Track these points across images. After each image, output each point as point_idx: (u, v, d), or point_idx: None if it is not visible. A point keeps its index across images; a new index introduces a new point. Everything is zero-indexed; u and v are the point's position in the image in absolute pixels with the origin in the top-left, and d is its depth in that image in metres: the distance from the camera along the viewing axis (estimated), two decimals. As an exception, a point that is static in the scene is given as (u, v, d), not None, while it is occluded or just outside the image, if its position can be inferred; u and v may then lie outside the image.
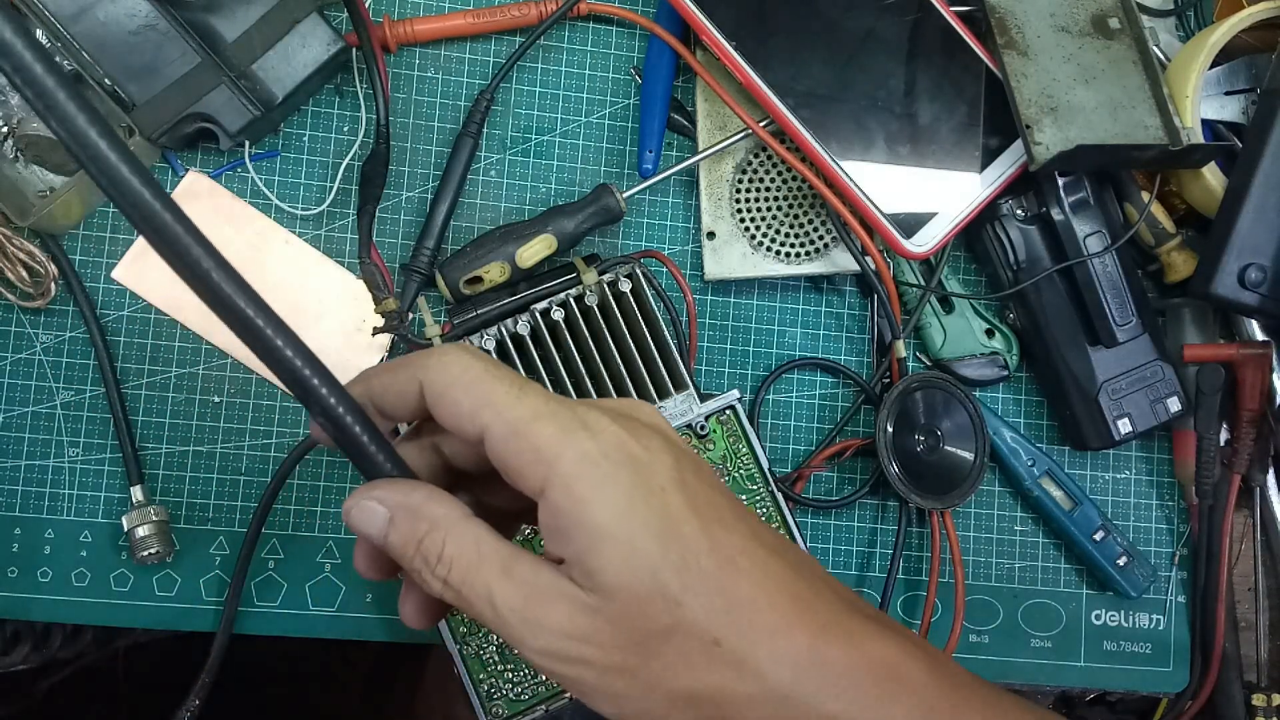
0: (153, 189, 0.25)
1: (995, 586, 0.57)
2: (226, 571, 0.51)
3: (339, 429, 0.28)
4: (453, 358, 0.29)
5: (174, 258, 0.26)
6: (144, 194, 0.25)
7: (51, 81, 0.23)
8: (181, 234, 0.26)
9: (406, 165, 0.54)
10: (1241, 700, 0.57)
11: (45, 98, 0.23)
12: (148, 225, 0.25)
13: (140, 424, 0.51)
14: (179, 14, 0.48)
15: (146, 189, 0.25)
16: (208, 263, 0.26)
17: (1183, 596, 0.59)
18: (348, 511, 0.29)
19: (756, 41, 0.50)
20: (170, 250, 0.26)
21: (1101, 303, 0.53)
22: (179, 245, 0.26)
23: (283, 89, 0.49)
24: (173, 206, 0.25)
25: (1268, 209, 0.51)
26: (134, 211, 0.25)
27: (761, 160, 0.54)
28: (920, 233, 0.52)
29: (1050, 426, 0.58)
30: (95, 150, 0.24)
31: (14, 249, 0.48)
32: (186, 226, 0.26)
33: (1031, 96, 0.51)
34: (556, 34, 0.56)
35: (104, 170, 0.24)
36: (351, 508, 0.29)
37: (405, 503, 0.29)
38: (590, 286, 0.50)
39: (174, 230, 0.25)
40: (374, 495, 0.29)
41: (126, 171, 0.24)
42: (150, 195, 0.25)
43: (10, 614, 0.50)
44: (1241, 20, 0.53)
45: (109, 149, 0.24)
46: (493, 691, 0.46)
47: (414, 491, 0.29)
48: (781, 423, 0.56)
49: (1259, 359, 0.54)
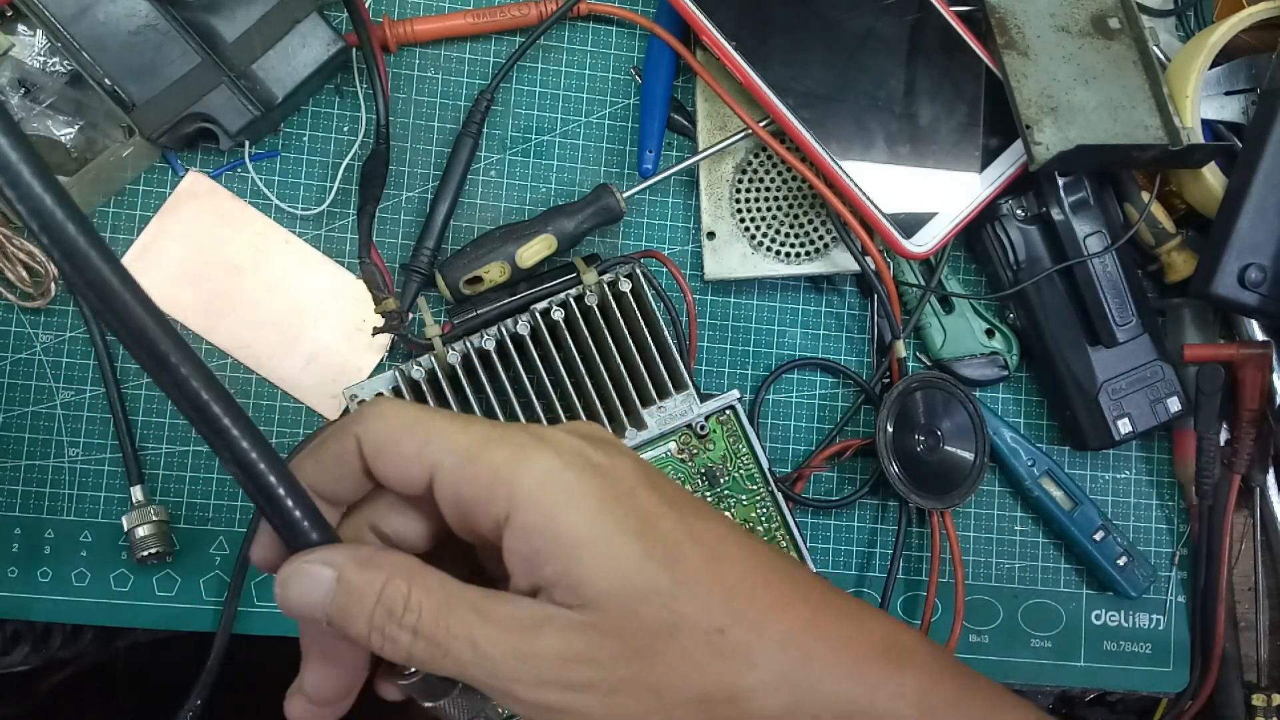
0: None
1: (995, 586, 0.57)
2: (226, 571, 0.51)
3: (254, 482, 0.24)
4: (387, 405, 0.27)
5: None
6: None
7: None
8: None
9: (406, 165, 0.54)
10: (1241, 700, 0.57)
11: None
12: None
13: (140, 424, 0.51)
14: (179, 14, 0.48)
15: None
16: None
17: (1183, 596, 0.59)
18: (283, 584, 0.25)
19: (756, 41, 0.50)
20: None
21: (1101, 303, 0.53)
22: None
23: (283, 89, 0.49)
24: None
25: (1268, 209, 0.51)
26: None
27: (761, 160, 0.54)
28: (920, 233, 0.52)
29: (1050, 426, 0.58)
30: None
31: (14, 249, 0.48)
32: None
33: (1031, 96, 0.51)
34: (556, 34, 0.56)
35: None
36: (288, 578, 0.25)
37: (354, 556, 0.25)
38: (590, 286, 0.50)
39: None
40: (314, 557, 0.25)
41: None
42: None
43: (10, 614, 0.50)
44: (1241, 20, 0.53)
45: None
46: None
47: (360, 547, 0.26)
48: (781, 423, 0.56)
49: (1259, 359, 0.54)
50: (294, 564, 0.25)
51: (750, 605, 0.26)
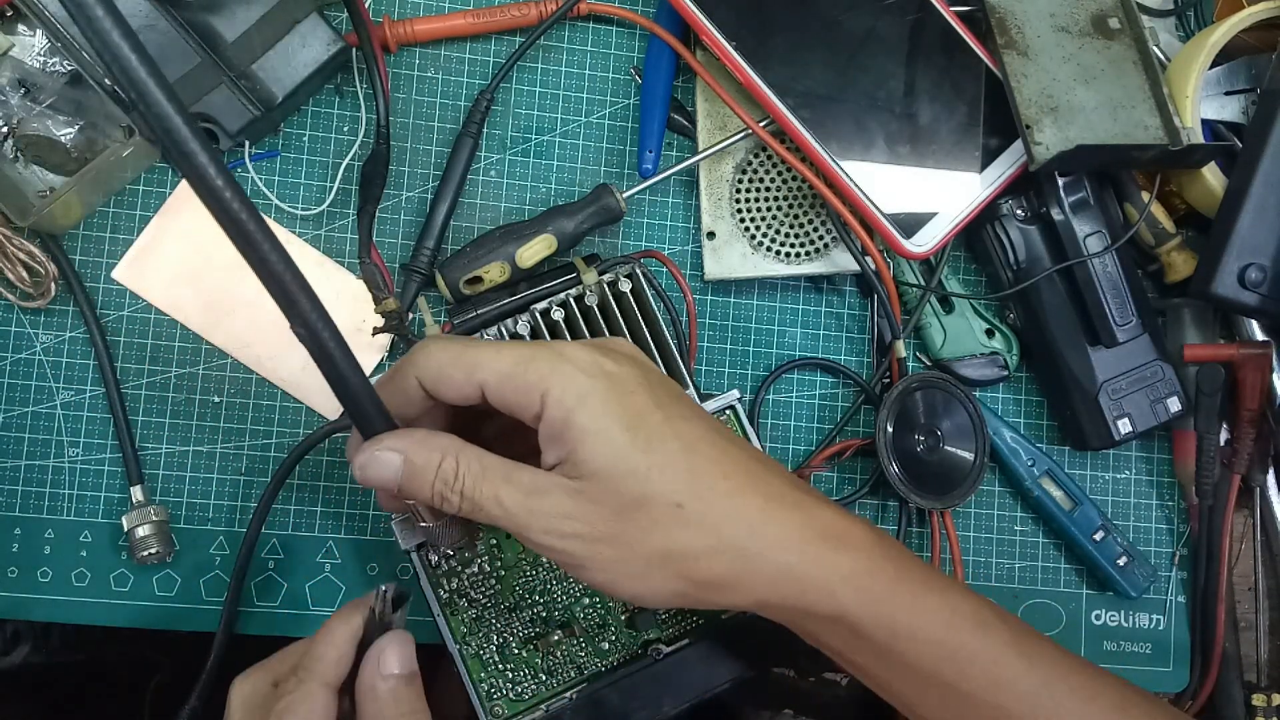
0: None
1: (995, 586, 0.57)
2: (226, 571, 0.51)
3: (341, 385, 0.32)
4: (433, 345, 0.35)
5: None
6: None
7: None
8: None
9: (406, 165, 0.54)
10: (1241, 700, 0.57)
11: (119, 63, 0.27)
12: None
13: (140, 424, 0.51)
14: (179, 14, 0.48)
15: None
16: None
17: (1183, 596, 0.59)
18: (362, 467, 0.33)
19: (756, 41, 0.50)
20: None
21: (1101, 303, 0.53)
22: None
23: (283, 89, 0.49)
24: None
25: (1268, 209, 0.51)
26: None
27: (761, 160, 0.54)
28: (920, 233, 0.52)
29: (1050, 426, 0.58)
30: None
31: (14, 249, 0.48)
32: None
33: (1031, 96, 0.51)
34: (556, 34, 0.56)
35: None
36: (366, 462, 0.33)
37: (414, 441, 0.34)
38: (590, 286, 0.50)
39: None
40: (384, 445, 0.33)
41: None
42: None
43: (10, 614, 0.50)
44: (1241, 20, 0.53)
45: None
46: (493, 691, 0.46)
47: (415, 431, 0.34)
48: (781, 423, 0.56)
49: (1259, 359, 0.54)
50: (369, 450, 0.33)
51: (709, 489, 0.34)
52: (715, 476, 0.34)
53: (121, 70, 0.27)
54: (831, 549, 0.34)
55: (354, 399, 0.33)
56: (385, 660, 0.35)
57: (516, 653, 0.46)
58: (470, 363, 0.34)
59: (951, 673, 0.35)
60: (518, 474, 0.34)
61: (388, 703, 0.34)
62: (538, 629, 0.47)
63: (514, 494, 0.33)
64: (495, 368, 0.34)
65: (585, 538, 0.33)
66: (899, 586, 0.35)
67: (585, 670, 0.47)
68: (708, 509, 0.33)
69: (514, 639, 0.46)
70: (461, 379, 0.34)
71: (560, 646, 0.47)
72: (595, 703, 0.46)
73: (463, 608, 0.46)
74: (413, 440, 0.34)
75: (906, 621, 0.35)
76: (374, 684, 0.34)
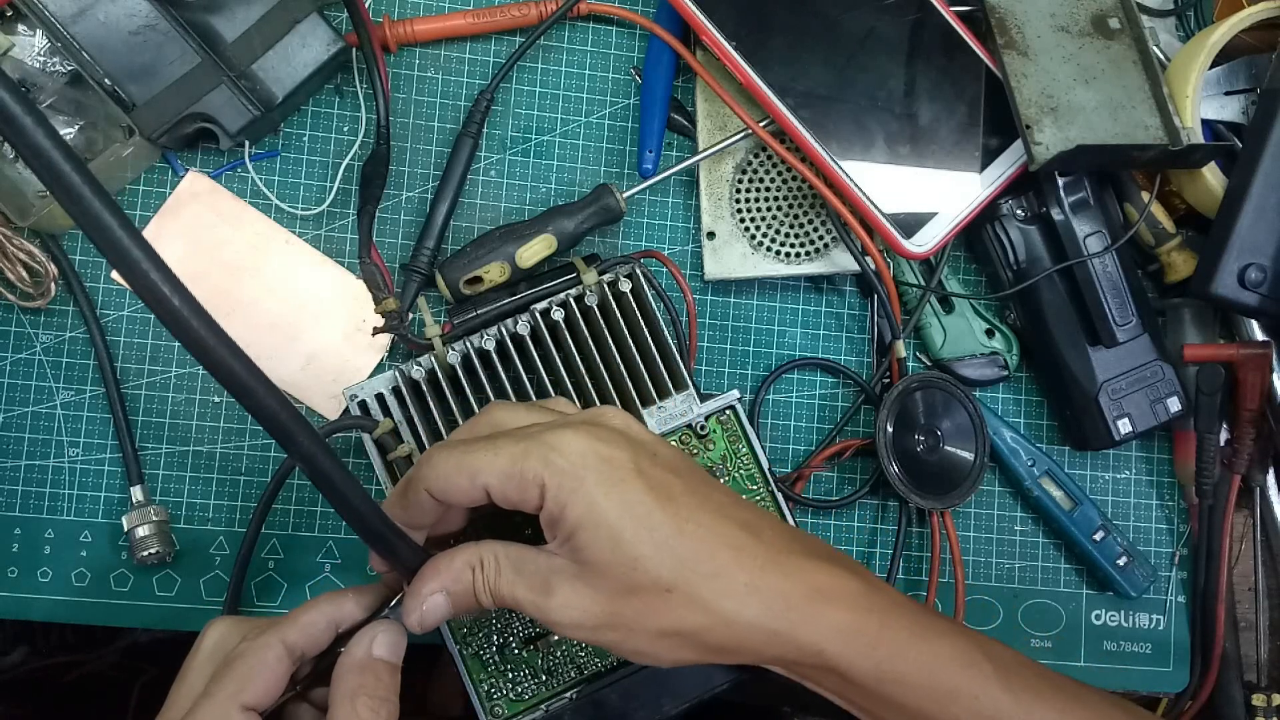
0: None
1: (995, 586, 0.57)
2: (226, 571, 0.51)
3: (367, 528, 0.35)
4: (436, 456, 0.37)
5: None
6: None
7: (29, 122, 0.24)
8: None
9: (406, 165, 0.54)
10: (1241, 700, 0.57)
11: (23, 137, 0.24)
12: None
13: (140, 424, 0.51)
14: (179, 14, 0.48)
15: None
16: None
17: (1183, 596, 0.59)
18: (421, 619, 0.37)
19: (756, 41, 0.50)
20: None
21: (1101, 303, 0.53)
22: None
23: (283, 89, 0.49)
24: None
25: (1268, 209, 0.51)
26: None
27: (761, 160, 0.54)
28: (920, 233, 0.52)
29: (1050, 426, 0.58)
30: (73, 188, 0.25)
31: (14, 249, 0.48)
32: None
33: (1031, 96, 0.51)
34: (556, 34, 0.56)
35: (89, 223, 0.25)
36: (425, 615, 0.37)
37: (445, 576, 0.37)
38: (590, 286, 0.50)
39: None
40: (425, 592, 0.37)
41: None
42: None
43: (10, 614, 0.50)
44: (1241, 20, 0.53)
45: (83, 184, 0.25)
46: (493, 691, 0.46)
47: (438, 563, 0.37)
48: (781, 423, 0.56)
49: (1259, 359, 0.54)
50: (416, 605, 0.37)
51: (696, 570, 0.36)
52: (704, 557, 0.36)
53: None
54: (819, 608, 0.37)
55: (371, 529, 0.35)
56: (378, 641, 0.37)
57: (516, 653, 0.46)
58: (472, 469, 0.36)
59: (937, 711, 0.37)
60: (527, 563, 0.37)
61: (368, 680, 0.36)
62: (538, 629, 0.46)
63: (526, 591, 0.36)
64: (494, 470, 0.36)
65: (588, 625, 0.36)
66: (884, 636, 0.37)
67: (585, 670, 0.47)
68: (697, 590, 0.36)
69: (514, 639, 0.46)
70: (467, 485, 0.36)
71: (560, 646, 0.47)
72: (595, 703, 0.46)
73: (463, 608, 0.46)
74: (444, 576, 0.37)
75: (891, 668, 0.37)
76: (360, 659, 0.36)
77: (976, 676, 0.38)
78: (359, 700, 0.35)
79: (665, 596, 0.35)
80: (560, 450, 0.36)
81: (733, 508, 0.38)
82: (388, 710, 0.36)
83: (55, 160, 0.24)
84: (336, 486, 0.32)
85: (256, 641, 0.36)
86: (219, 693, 0.35)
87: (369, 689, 0.36)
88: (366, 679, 0.36)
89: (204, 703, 0.35)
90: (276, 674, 0.36)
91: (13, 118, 0.23)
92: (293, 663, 0.37)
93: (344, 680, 0.36)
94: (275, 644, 0.36)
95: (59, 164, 0.24)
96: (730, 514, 0.38)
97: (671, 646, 0.37)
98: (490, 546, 0.37)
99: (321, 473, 0.31)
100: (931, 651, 0.37)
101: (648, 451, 0.38)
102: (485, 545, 0.37)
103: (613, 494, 0.35)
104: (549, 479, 0.35)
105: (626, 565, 0.35)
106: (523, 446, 0.36)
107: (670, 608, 0.36)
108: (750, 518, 0.38)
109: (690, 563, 0.36)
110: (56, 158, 0.24)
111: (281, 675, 0.36)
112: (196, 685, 0.36)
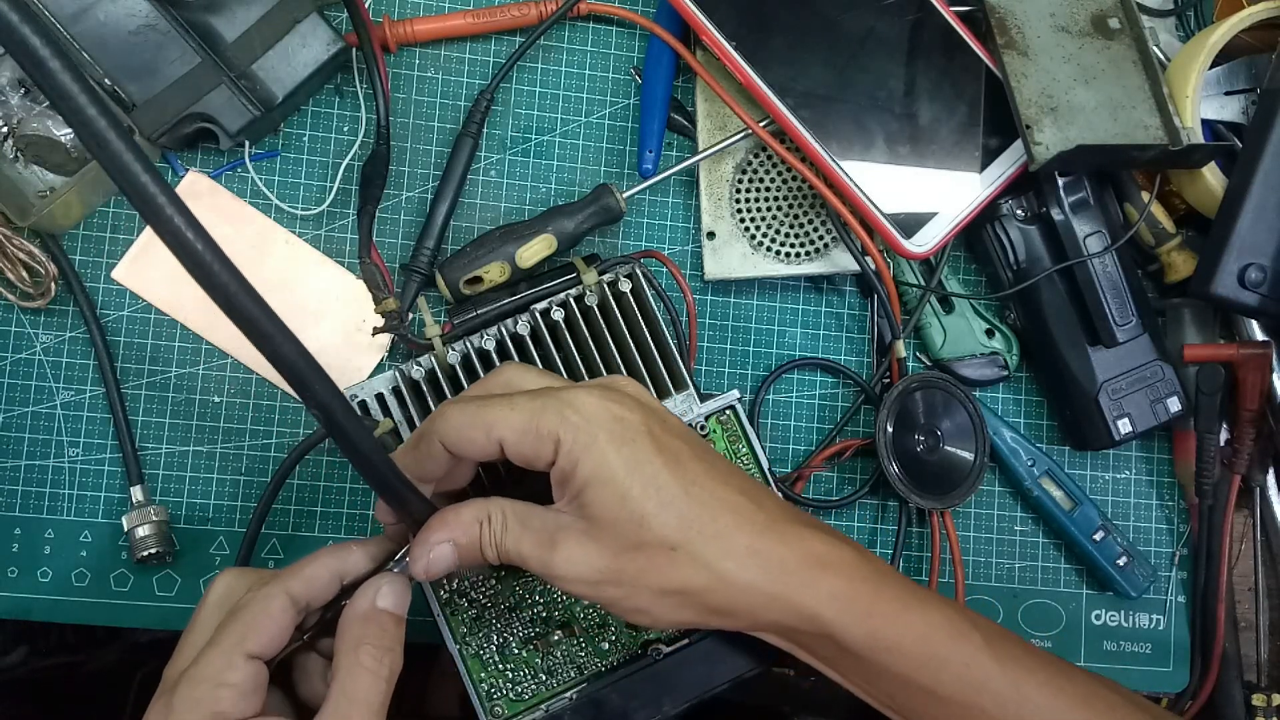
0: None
1: (995, 586, 0.57)
2: (226, 571, 0.51)
3: (378, 478, 0.35)
4: (450, 409, 0.37)
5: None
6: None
7: (69, 79, 0.25)
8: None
9: (406, 165, 0.54)
10: (1241, 700, 0.57)
11: (66, 99, 0.25)
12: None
13: (140, 424, 0.51)
14: (179, 14, 0.48)
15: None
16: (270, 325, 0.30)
17: (1183, 596, 0.59)
18: (427, 567, 0.37)
19: (756, 41, 0.50)
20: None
21: (1101, 303, 0.53)
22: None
23: (283, 89, 0.49)
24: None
25: (1268, 209, 0.51)
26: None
27: (761, 160, 0.54)
28: (920, 233, 0.52)
29: (1050, 426, 0.58)
30: (116, 155, 0.26)
31: (14, 249, 0.48)
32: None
33: (1031, 96, 0.51)
34: (556, 34, 0.56)
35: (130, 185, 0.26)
36: (431, 563, 0.37)
37: (454, 527, 0.37)
38: (590, 286, 0.50)
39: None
40: (432, 541, 0.37)
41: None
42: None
43: (10, 614, 0.50)
44: (1241, 20, 0.53)
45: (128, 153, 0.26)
46: (493, 691, 0.46)
47: (446, 514, 0.37)
48: (781, 423, 0.56)
49: (1259, 359, 0.54)
50: (423, 552, 0.37)
51: (700, 531, 0.37)
52: (706, 519, 0.37)
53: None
54: (816, 574, 0.38)
55: (382, 479, 0.35)
56: (382, 593, 0.37)
57: (516, 653, 0.46)
58: (488, 422, 0.37)
59: (928, 679, 0.38)
60: (533, 519, 0.38)
61: (372, 629, 0.36)
62: (538, 629, 0.46)
63: (531, 546, 0.37)
64: (511, 424, 0.36)
65: (591, 580, 0.37)
66: (878, 604, 0.38)
67: (585, 670, 0.47)
68: (700, 550, 0.37)
69: (514, 639, 0.46)
70: (482, 439, 0.37)
71: (560, 646, 0.47)
72: (595, 703, 0.46)
73: (463, 607, 0.46)
74: (452, 526, 0.37)
75: (885, 635, 0.38)
76: (364, 610, 0.37)
77: (966, 646, 0.38)
78: (362, 650, 0.36)
79: (670, 554, 0.36)
80: (576, 408, 0.37)
81: (734, 476, 0.40)
82: (390, 660, 0.36)
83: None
84: (349, 435, 0.32)
85: (261, 592, 0.36)
86: (224, 640, 0.35)
87: (373, 639, 0.36)
88: (370, 629, 0.36)
89: (209, 650, 0.35)
90: (281, 624, 0.36)
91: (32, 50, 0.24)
92: (298, 613, 0.37)
93: (348, 630, 0.36)
94: (279, 594, 0.36)
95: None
96: (732, 482, 0.39)
97: (672, 606, 0.37)
98: (498, 502, 0.38)
99: (335, 423, 0.31)
100: (924, 620, 0.39)
101: (658, 417, 0.39)
102: (493, 501, 0.38)
103: (624, 451, 0.36)
104: (564, 434, 0.36)
105: (633, 522, 0.36)
106: (539, 403, 0.37)
107: (674, 565, 0.37)
108: (750, 486, 0.40)
109: (695, 523, 0.37)
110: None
111: (286, 625, 0.36)
112: (203, 634, 0.36)
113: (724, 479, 0.39)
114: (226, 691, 0.34)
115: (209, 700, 0.34)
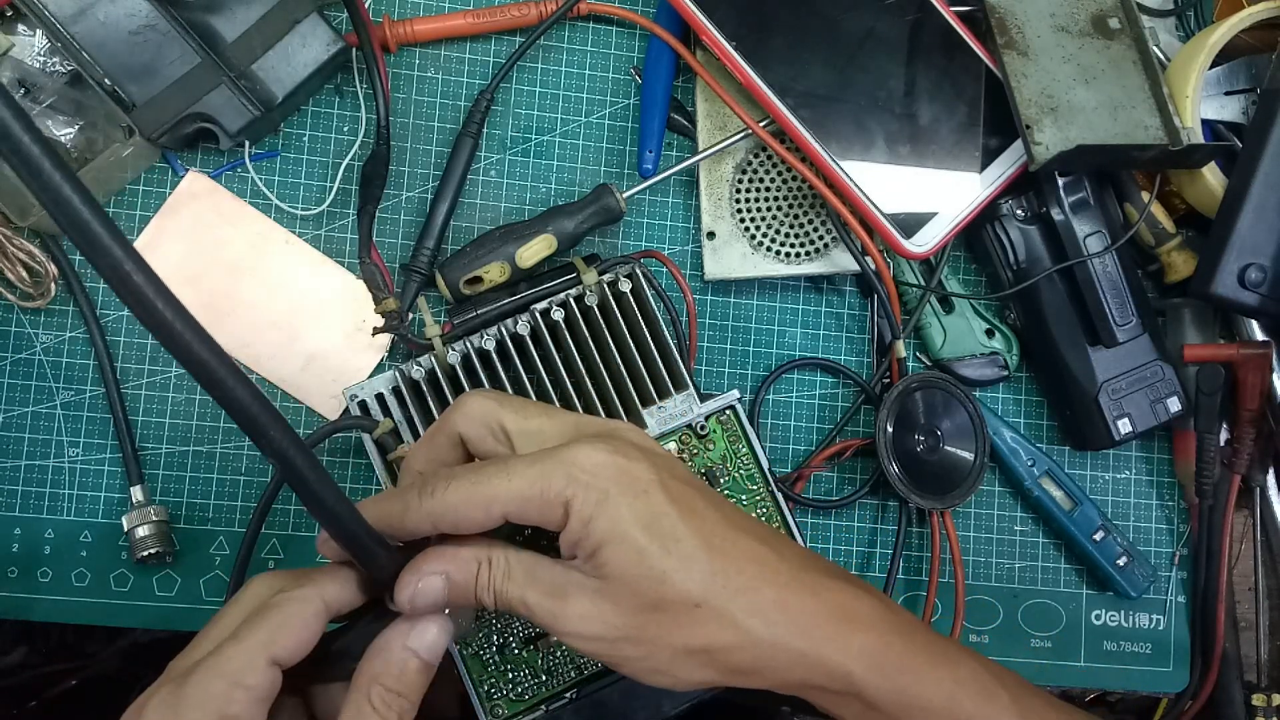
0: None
1: (995, 586, 0.57)
2: (226, 571, 0.51)
3: (348, 537, 0.32)
4: (441, 490, 0.35)
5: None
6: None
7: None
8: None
9: (406, 165, 0.54)
10: (1241, 700, 0.57)
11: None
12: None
13: (140, 424, 0.51)
14: (179, 14, 0.48)
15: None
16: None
17: (1183, 596, 0.59)
18: (412, 598, 0.34)
19: (756, 41, 0.50)
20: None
21: (1101, 303, 0.53)
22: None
23: (283, 89, 0.49)
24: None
25: (1268, 209, 0.51)
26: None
27: (761, 160, 0.54)
28: (920, 233, 0.52)
29: (1050, 426, 0.58)
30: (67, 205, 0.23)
31: (14, 249, 0.48)
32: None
33: (1031, 96, 0.51)
34: (556, 34, 0.56)
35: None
36: (418, 593, 0.34)
37: (452, 561, 0.35)
38: (590, 286, 0.50)
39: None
40: (426, 570, 0.35)
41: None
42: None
43: (10, 614, 0.50)
44: (1241, 20, 0.53)
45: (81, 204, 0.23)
46: (493, 691, 0.46)
47: (445, 550, 0.35)
48: (781, 423, 0.56)
49: (1259, 359, 0.54)
50: (412, 579, 0.34)
51: (724, 586, 0.35)
52: (730, 573, 0.35)
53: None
54: (843, 630, 0.36)
55: (350, 535, 0.32)
56: (418, 633, 0.35)
57: (516, 653, 0.46)
58: (486, 498, 0.34)
59: None
60: (541, 571, 0.35)
61: (392, 671, 0.34)
62: (538, 629, 0.47)
63: (538, 596, 0.35)
64: (512, 495, 0.34)
65: (607, 638, 0.35)
66: (907, 660, 0.36)
67: (585, 670, 0.47)
68: (725, 605, 0.35)
69: (514, 639, 0.46)
70: (481, 516, 0.34)
71: (560, 646, 0.47)
72: (595, 703, 0.46)
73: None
74: (450, 560, 0.35)
75: (914, 694, 0.36)
76: (390, 645, 0.35)
77: (993, 707, 0.37)
78: (374, 690, 0.34)
79: (693, 612, 0.34)
80: (582, 466, 0.35)
81: (751, 524, 0.38)
82: (400, 707, 0.34)
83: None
84: (310, 487, 0.29)
85: (295, 593, 0.34)
86: (250, 638, 0.33)
87: (390, 681, 0.34)
88: (390, 670, 0.34)
89: (232, 646, 0.33)
90: (312, 630, 0.34)
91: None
92: (324, 621, 0.35)
93: (369, 663, 0.34)
94: (315, 598, 0.34)
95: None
96: (751, 530, 0.37)
97: (693, 665, 0.35)
98: (501, 547, 0.36)
99: (295, 471, 0.28)
100: (952, 678, 0.37)
101: (667, 465, 0.37)
102: (496, 546, 0.36)
103: (637, 505, 0.34)
104: (574, 497, 0.34)
105: (653, 579, 0.34)
106: (540, 468, 0.35)
107: (697, 623, 0.34)
108: (769, 535, 0.38)
109: (719, 577, 0.35)
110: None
111: (316, 632, 0.34)
112: (228, 628, 0.34)
113: (743, 528, 0.37)
114: (241, 694, 0.32)
115: (222, 699, 0.32)
